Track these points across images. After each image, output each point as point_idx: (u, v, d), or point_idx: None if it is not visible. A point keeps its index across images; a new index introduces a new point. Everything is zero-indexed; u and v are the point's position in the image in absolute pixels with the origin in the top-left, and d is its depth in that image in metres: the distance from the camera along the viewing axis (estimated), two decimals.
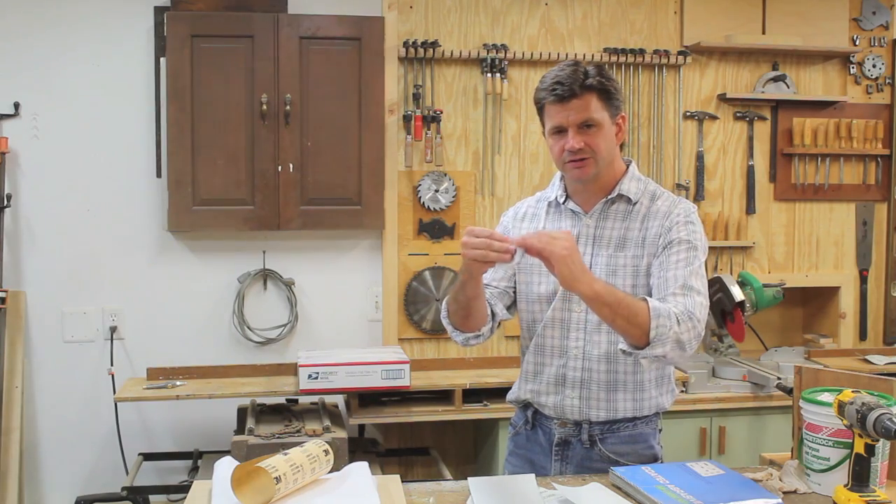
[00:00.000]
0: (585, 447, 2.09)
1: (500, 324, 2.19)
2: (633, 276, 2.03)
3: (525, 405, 2.20)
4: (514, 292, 2.18)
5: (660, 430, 2.16)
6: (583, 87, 1.97)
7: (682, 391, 3.51)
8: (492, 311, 2.13)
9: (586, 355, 2.06)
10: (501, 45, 3.84)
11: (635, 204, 2.08)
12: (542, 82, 2.03)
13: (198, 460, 3.52)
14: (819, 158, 4.14)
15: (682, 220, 2.03)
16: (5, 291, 3.51)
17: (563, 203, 2.13)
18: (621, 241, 2.06)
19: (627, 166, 2.13)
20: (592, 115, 1.99)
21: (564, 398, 2.09)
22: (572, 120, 1.99)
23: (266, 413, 3.43)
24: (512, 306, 2.20)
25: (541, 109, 2.06)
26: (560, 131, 2.01)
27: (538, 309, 2.13)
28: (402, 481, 1.87)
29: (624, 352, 1.93)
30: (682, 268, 1.98)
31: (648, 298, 1.91)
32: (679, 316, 1.89)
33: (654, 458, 2.11)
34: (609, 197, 2.08)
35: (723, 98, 4.05)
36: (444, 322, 2.15)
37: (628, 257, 2.04)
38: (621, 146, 2.13)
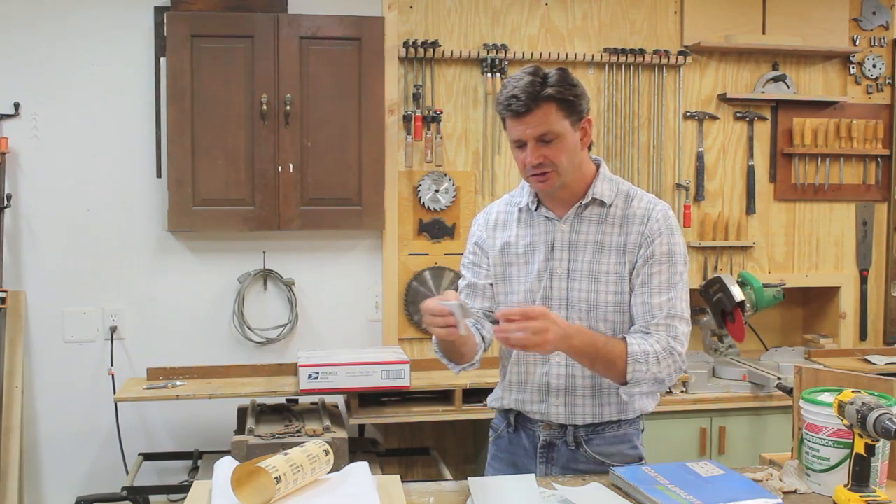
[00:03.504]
0: (571, 449, 2.08)
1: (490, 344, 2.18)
2: (617, 282, 2.02)
3: (508, 409, 2.18)
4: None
5: (642, 431, 2.16)
6: (539, 98, 1.92)
7: (683, 391, 3.51)
8: (481, 336, 2.13)
9: (569, 361, 2.04)
10: (501, 45, 3.84)
11: (610, 206, 2.05)
12: (500, 94, 1.98)
13: (198, 460, 3.52)
14: (819, 158, 4.14)
15: (663, 227, 2.01)
16: (5, 291, 3.51)
17: (536, 210, 2.11)
18: (598, 245, 2.04)
19: (598, 167, 2.09)
20: (551, 128, 1.94)
21: (549, 406, 2.08)
22: (530, 134, 1.95)
23: (266, 413, 3.43)
24: None
25: (503, 120, 2.02)
26: (520, 145, 1.98)
27: None
28: (402, 481, 1.87)
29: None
30: (665, 292, 1.98)
31: (628, 339, 1.95)
32: (659, 354, 1.94)
33: (638, 458, 2.11)
34: (582, 202, 2.05)
35: (723, 98, 4.05)
36: (438, 356, 2.16)
37: (611, 264, 2.03)
38: (590, 147, 2.09)
